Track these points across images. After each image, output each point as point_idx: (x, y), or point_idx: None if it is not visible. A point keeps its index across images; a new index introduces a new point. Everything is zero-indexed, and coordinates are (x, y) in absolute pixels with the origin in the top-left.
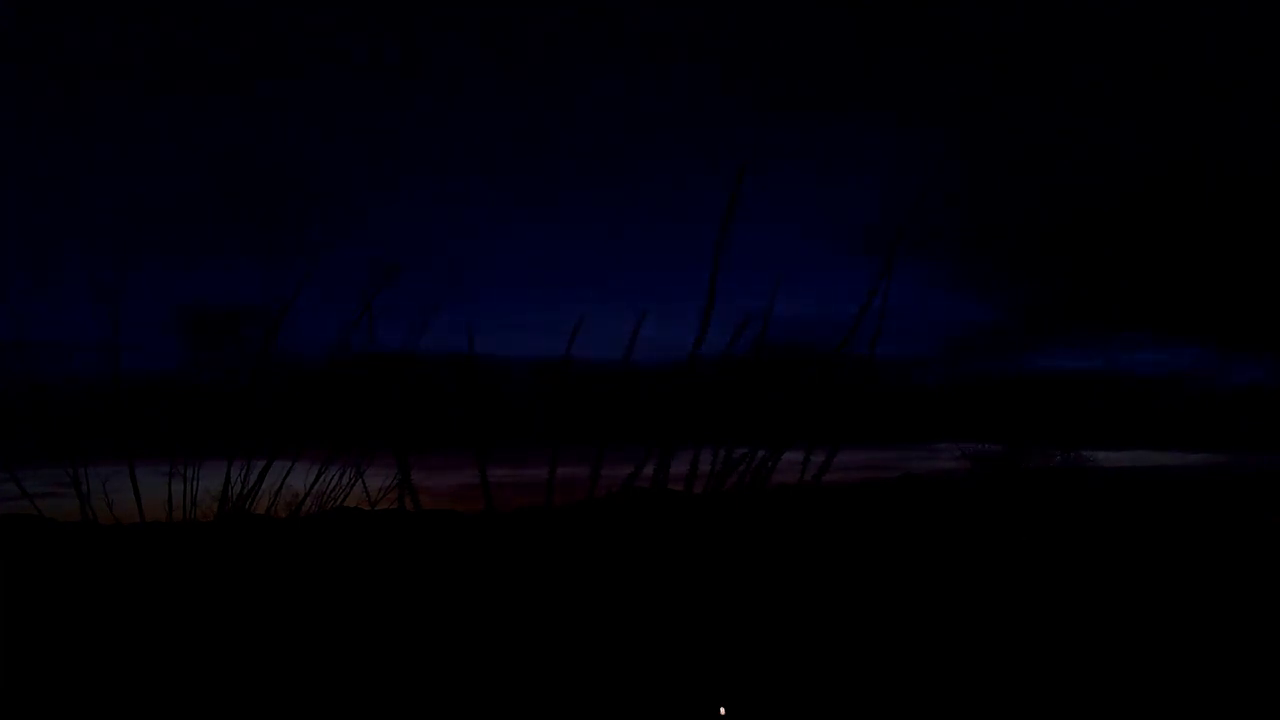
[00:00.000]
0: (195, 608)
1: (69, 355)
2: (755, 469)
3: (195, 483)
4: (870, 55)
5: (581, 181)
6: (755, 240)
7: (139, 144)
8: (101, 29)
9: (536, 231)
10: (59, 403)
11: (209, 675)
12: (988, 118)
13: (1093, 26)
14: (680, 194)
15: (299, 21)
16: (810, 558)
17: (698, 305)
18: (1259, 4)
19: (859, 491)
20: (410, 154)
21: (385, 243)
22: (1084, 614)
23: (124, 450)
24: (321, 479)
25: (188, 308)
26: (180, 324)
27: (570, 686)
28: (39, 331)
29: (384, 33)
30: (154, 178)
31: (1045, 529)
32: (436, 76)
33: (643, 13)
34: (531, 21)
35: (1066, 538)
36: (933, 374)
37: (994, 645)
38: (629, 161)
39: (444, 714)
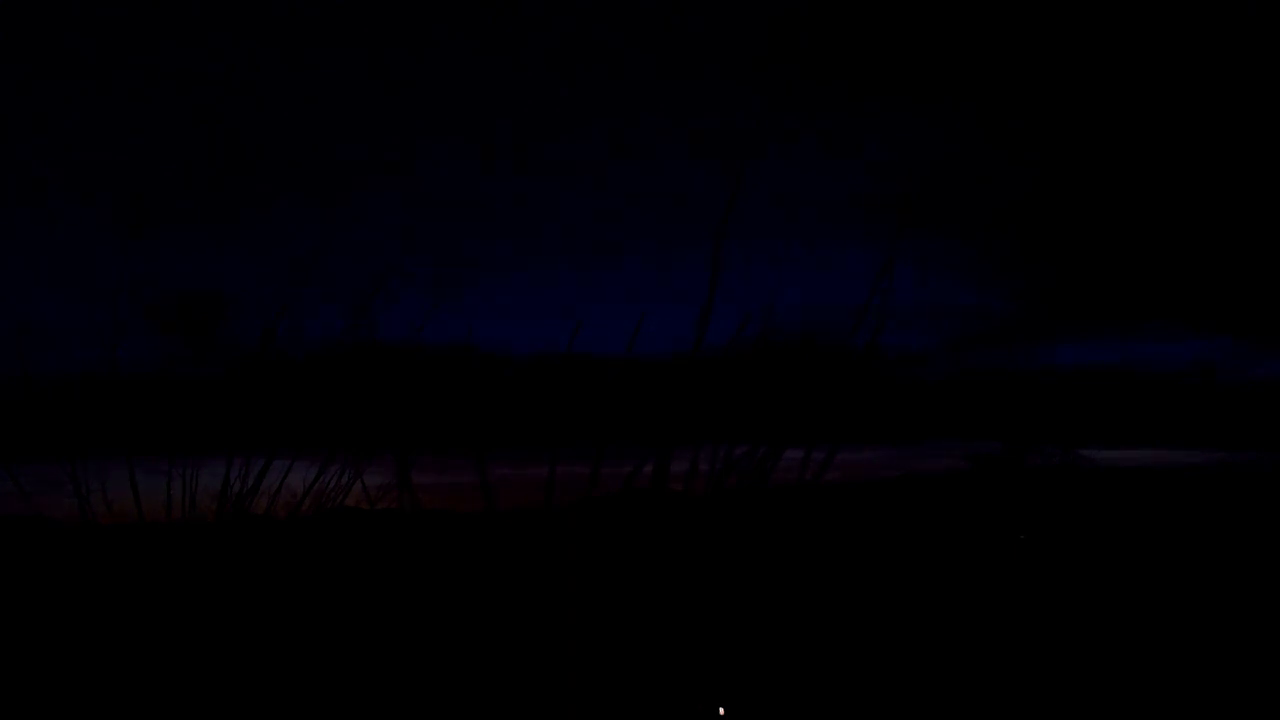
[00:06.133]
0: (195, 608)
1: (62, 346)
2: (756, 467)
3: (194, 481)
4: (873, 40)
5: (583, 171)
6: (757, 233)
7: (131, 134)
8: (100, 20)
9: (538, 222)
10: (55, 396)
11: (209, 675)
12: (994, 105)
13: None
14: (684, 184)
15: (299, 14)
16: (810, 558)
17: (700, 296)
18: None
19: (860, 491)
20: (411, 144)
21: (385, 235)
22: (1087, 618)
23: (122, 447)
24: (321, 478)
25: (180, 299)
26: (174, 316)
27: (570, 686)
28: (31, 321)
29: (385, 29)
30: (146, 167)
31: (1052, 530)
32: (439, 71)
33: (642, 3)
34: (534, 21)
35: (1073, 540)
36: (939, 368)
37: (995, 646)
38: (631, 147)
39: (444, 714)
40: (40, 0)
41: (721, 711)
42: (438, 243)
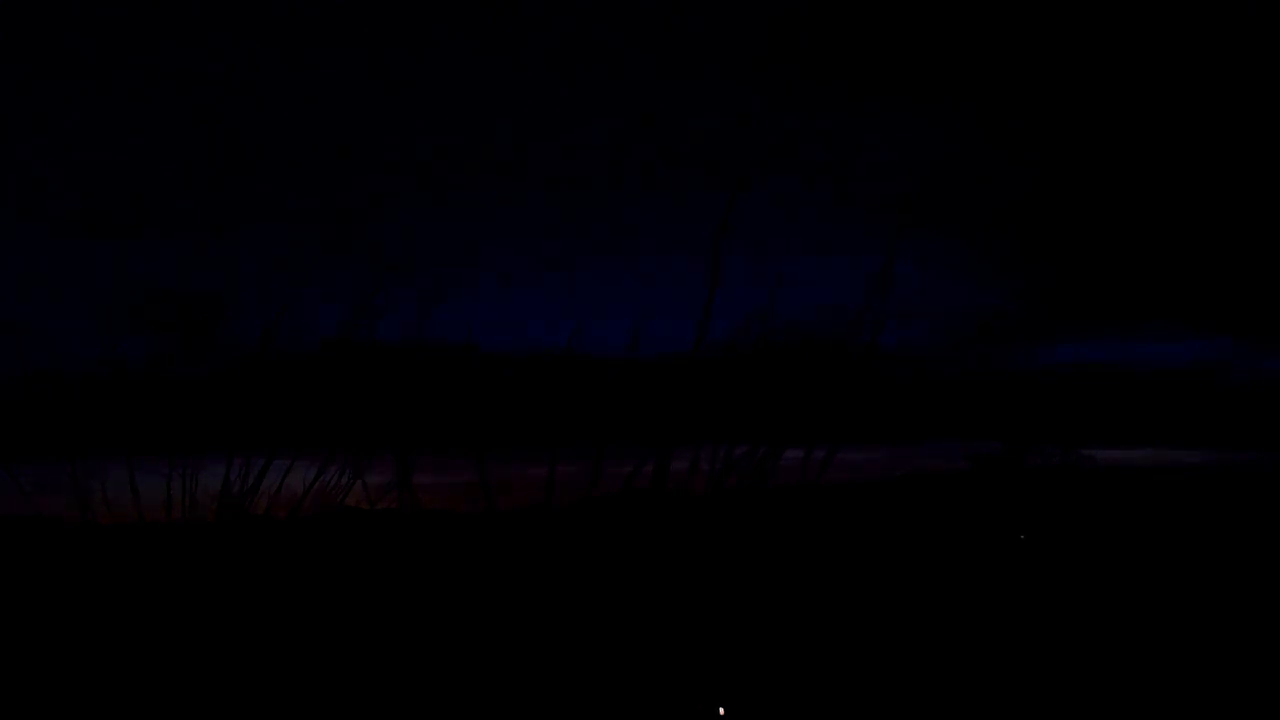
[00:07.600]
0: (196, 608)
1: (62, 346)
2: (756, 467)
3: (194, 481)
4: (873, 40)
5: (584, 172)
6: (757, 232)
7: (132, 134)
8: (100, 20)
9: (538, 222)
10: (55, 396)
11: (209, 675)
12: (994, 105)
13: None
14: (684, 184)
15: (299, 14)
16: (811, 558)
17: (700, 296)
18: None
19: (860, 491)
20: (411, 144)
21: (385, 235)
22: (1088, 618)
23: (122, 447)
24: (321, 478)
25: (180, 299)
26: (174, 316)
27: (570, 686)
28: (31, 321)
29: (385, 29)
30: (147, 167)
31: (1052, 530)
32: (439, 71)
33: (642, 3)
34: (534, 21)
35: (1073, 540)
36: (939, 368)
37: (995, 646)
38: (631, 147)
39: (444, 714)
40: (40, 0)
41: (721, 711)
42: (438, 243)
